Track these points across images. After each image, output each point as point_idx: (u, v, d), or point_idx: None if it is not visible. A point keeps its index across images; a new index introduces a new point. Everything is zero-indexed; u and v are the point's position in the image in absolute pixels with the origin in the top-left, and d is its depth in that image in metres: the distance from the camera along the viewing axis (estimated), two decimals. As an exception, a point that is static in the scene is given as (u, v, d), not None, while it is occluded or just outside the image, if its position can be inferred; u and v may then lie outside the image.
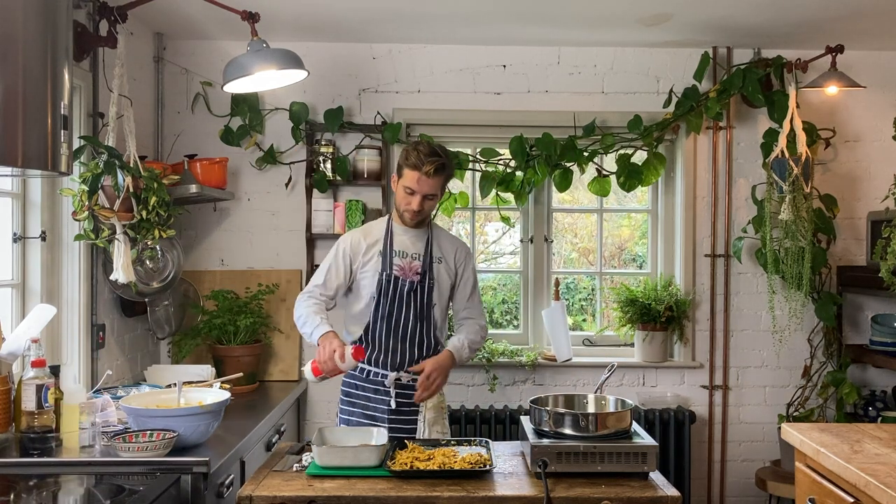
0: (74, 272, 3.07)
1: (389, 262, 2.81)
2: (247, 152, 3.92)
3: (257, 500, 2.03)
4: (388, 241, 2.84)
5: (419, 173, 2.72)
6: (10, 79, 2.07)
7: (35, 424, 2.36)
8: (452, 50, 3.96)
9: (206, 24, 3.63)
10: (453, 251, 2.91)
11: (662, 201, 4.11)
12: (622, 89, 3.99)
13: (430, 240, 2.88)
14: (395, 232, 2.87)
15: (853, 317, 4.03)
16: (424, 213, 2.82)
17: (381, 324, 2.81)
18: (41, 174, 2.64)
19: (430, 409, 2.79)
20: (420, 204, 2.76)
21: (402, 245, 2.85)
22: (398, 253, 2.83)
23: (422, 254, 2.85)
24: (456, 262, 2.91)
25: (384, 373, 2.81)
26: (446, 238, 2.97)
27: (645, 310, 3.90)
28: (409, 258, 2.83)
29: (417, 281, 2.81)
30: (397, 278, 2.80)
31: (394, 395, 2.78)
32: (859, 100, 3.97)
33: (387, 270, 2.80)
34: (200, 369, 3.44)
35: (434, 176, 2.73)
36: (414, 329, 2.82)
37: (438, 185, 2.77)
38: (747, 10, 3.40)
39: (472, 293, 2.94)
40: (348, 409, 2.87)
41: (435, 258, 2.86)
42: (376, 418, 2.79)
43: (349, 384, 2.88)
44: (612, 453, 2.14)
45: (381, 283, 2.80)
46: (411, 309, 2.81)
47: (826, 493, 2.22)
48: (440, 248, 2.89)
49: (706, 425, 4.00)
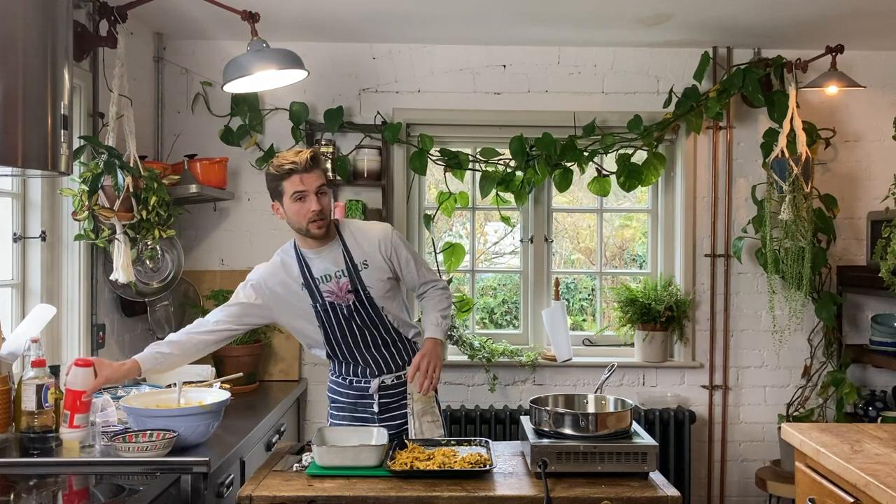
0: (74, 272, 3.07)
1: (318, 292, 2.64)
2: (247, 152, 3.92)
3: (257, 500, 2.03)
4: (305, 271, 2.65)
5: (298, 174, 2.51)
6: (10, 79, 2.07)
7: (35, 424, 2.36)
8: (452, 50, 3.96)
9: (206, 24, 3.63)
10: (376, 245, 2.67)
11: (662, 201, 4.11)
12: (622, 89, 3.99)
13: (345, 250, 2.66)
14: (308, 258, 2.65)
15: (853, 317, 4.03)
16: (327, 213, 2.57)
17: (341, 346, 2.71)
18: (41, 174, 2.64)
19: (417, 402, 2.70)
20: (318, 201, 2.53)
21: (321, 269, 2.64)
22: (321, 279, 2.64)
23: (344, 268, 2.64)
24: (385, 255, 2.68)
25: (366, 380, 2.74)
26: (362, 234, 2.71)
27: (645, 310, 3.90)
28: (335, 278, 2.64)
29: (353, 300, 2.64)
30: (333, 304, 2.64)
31: (377, 398, 2.72)
32: (859, 100, 3.97)
33: (319, 301, 2.64)
34: (200, 369, 3.44)
35: (313, 167, 2.53)
36: (375, 337, 2.70)
37: (321, 177, 2.56)
38: (747, 10, 3.40)
39: (417, 268, 2.75)
40: (338, 415, 2.82)
41: (359, 265, 2.65)
42: (365, 420, 2.75)
43: (334, 391, 2.83)
44: (612, 453, 2.13)
45: (319, 314, 2.65)
46: (362, 324, 2.67)
47: (826, 493, 2.21)
48: (361, 250, 2.67)
49: (706, 425, 4.00)
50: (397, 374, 2.76)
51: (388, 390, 2.75)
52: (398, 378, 2.75)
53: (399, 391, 2.76)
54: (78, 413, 2.33)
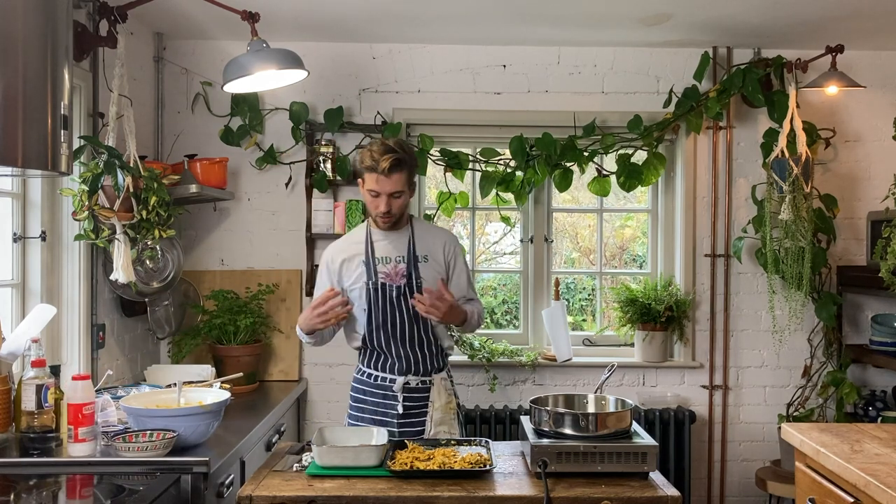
0: (74, 272, 3.07)
1: (374, 271, 2.76)
2: (247, 152, 3.92)
3: (257, 500, 2.03)
4: (368, 249, 2.79)
5: (376, 174, 2.64)
6: (10, 79, 2.07)
7: (35, 424, 2.36)
8: (452, 50, 3.96)
9: (206, 24, 3.63)
10: (441, 246, 2.84)
11: (662, 201, 4.11)
12: (622, 89, 3.99)
13: (411, 239, 2.81)
14: (375, 238, 2.80)
15: (853, 317, 4.03)
16: (395, 214, 2.73)
17: (378, 332, 2.78)
18: (41, 174, 2.64)
19: (437, 410, 2.78)
20: (387, 205, 2.68)
21: (384, 250, 2.79)
22: (381, 259, 2.77)
23: (405, 255, 2.78)
24: (445, 257, 2.84)
25: (392, 377, 2.79)
26: (431, 233, 2.89)
27: (645, 310, 3.90)
28: (393, 262, 2.77)
29: (405, 284, 2.76)
30: (384, 285, 2.75)
31: (401, 399, 2.76)
32: (859, 100, 3.97)
33: (372, 279, 2.75)
34: (200, 369, 3.44)
35: (391, 173, 2.63)
36: (412, 331, 2.79)
37: (401, 181, 2.67)
38: (747, 10, 3.40)
39: (467, 283, 2.90)
40: (357, 416, 2.85)
41: (420, 257, 2.79)
42: (386, 423, 2.76)
43: (357, 390, 2.86)
44: (612, 453, 2.13)
45: (370, 292, 2.76)
46: (405, 312, 2.76)
47: (826, 493, 2.22)
48: (425, 246, 2.81)
49: (706, 425, 4.00)
50: (423, 379, 2.79)
51: (412, 393, 2.78)
52: (423, 383, 2.79)
53: (422, 397, 2.79)
54: (82, 427, 2.33)
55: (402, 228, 2.82)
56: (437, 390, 2.80)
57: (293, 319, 3.90)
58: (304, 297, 3.95)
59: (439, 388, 2.81)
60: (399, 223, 2.81)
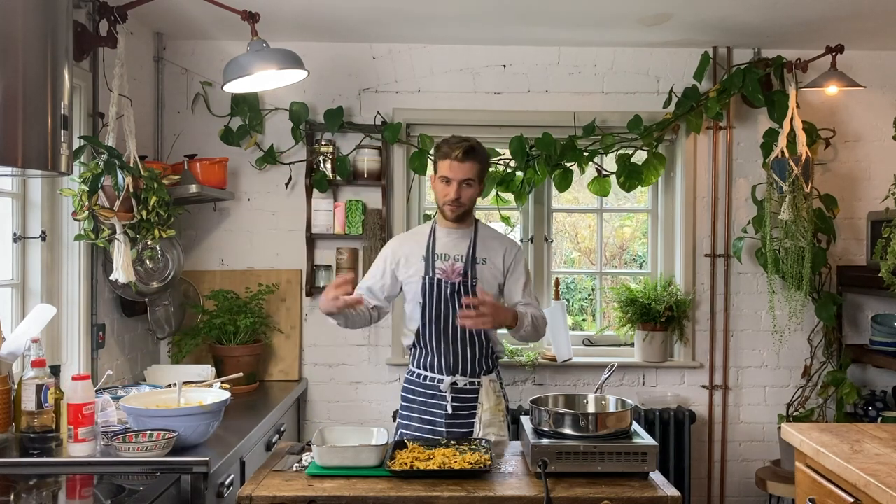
0: (74, 272, 3.07)
1: (431, 266, 2.81)
2: (247, 152, 3.92)
3: (257, 500, 2.03)
4: (430, 244, 2.85)
5: (449, 160, 2.74)
6: (10, 79, 2.07)
7: (35, 424, 2.36)
8: (452, 50, 3.96)
9: (206, 24, 3.63)
10: (501, 251, 2.87)
11: (662, 201, 4.11)
12: (622, 89, 3.99)
13: (473, 241, 2.85)
14: (439, 235, 2.87)
15: (853, 317, 4.03)
16: (464, 203, 2.79)
17: (430, 327, 2.81)
18: (41, 174, 2.64)
19: (486, 411, 2.79)
20: (457, 191, 2.75)
21: (445, 248, 2.84)
22: (440, 256, 2.83)
23: (464, 255, 2.82)
24: (505, 262, 2.86)
25: (440, 377, 2.81)
26: (494, 238, 2.92)
27: (645, 310, 3.90)
28: (452, 260, 2.82)
29: (460, 282, 2.79)
30: (440, 281, 2.79)
31: (450, 399, 2.78)
32: (859, 100, 3.97)
33: (429, 274, 2.80)
34: (200, 369, 3.44)
35: (465, 159, 2.72)
36: (464, 330, 2.80)
37: (472, 171, 2.75)
38: (747, 10, 3.40)
39: (524, 287, 2.89)
40: (406, 415, 2.88)
41: (478, 259, 2.83)
42: (434, 423, 2.79)
43: (407, 390, 2.90)
44: (612, 453, 2.13)
45: (425, 286, 2.80)
46: (458, 310, 2.77)
47: (826, 493, 2.21)
48: (485, 249, 2.85)
49: (706, 425, 4.00)
50: (471, 380, 2.81)
51: (460, 393, 2.80)
52: (471, 384, 2.81)
53: (471, 398, 2.80)
54: (82, 427, 2.33)
55: (466, 228, 2.87)
56: (486, 392, 2.82)
57: (293, 319, 3.93)
58: (304, 296, 3.96)
59: (488, 390, 2.82)
60: (465, 220, 2.86)
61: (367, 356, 3.99)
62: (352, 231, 3.87)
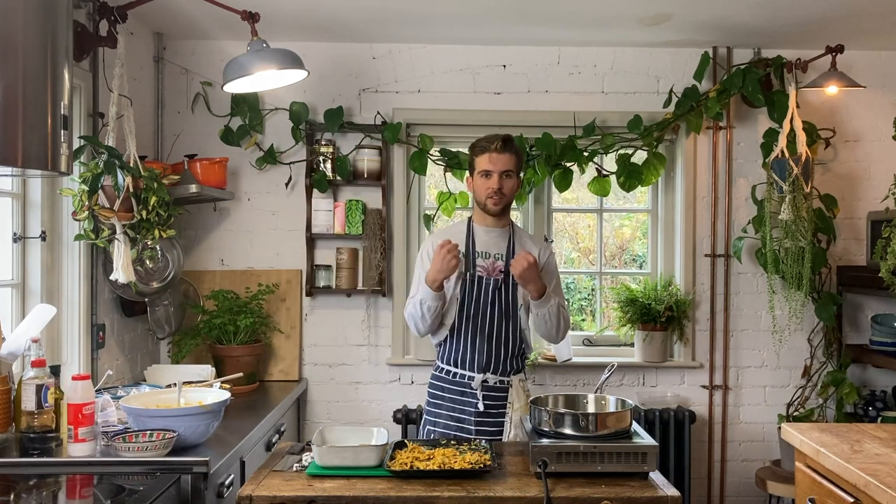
0: (74, 272, 3.07)
1: (473, 263, 2.81)
2: (247, 152, 3.92)
3: (257, 500, 2.03)
4: (470, 242, 2.84)
5: (489, 153, 2.75)
6: (10, 79, 2.07)
7: (35, 424, 2.36)
8: (452, 50, 3.96)
9: (206, 24, 3.63)
10: (536, 250, 2.86)
11: (662, 201, 4.11)
12: (622, 89, 3.99)
13: (511, 239, 2.86)
14: (477, 233, 2.86)
15: (853, 317, 4.03)
16: (506, 195, 2.79)
17: (467, 324, 2.80)
18: (41, 174, 2.64)
19: (516, 411, 2.78)
20: (499, 181, 2.75)
21: (485, 245, 2.84)
22: (481, 254, 2.82)
23: (504, 253, 2.82)
24: (540, 261, 2.84)
25: (471, 374, 2.79)
26: (528, 239, 2.95)
27: (645, 310, 3.90)
28: (492, 258, 2.82)
29: (502, 279, 2.79)
30: (481, 278, 2.79)
31: (480, 397, 2.76)
32: (859, 100, 3.97)
33: (470, 271, 2.80)
34: (200, 369, 3.44)
35: (504, 150, 2.74)
36: (500, 328, 2.80)
37: (512, 162, 2.76)
38: (747, 10, 3.40)
39: (555, 287, 2.88)
40: (434, 412, 2.86)
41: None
42: (463, 420, 2.78)
43: (435, 387, 2.87)
44: (612, 453, 2.13)
45: (465, 283, 2.79)
46: (497, 308, 2.79)
47: (826, 493, 2.22)
48: (522, 246, 2.85)
49: (706, 425, 4.00)
50: (501, 378, 2.80)
51: (490, 391, 2.79)
52: (501, 382, 2.80)
53: (500, 396, 2.79)
54: (81, 427, 2.33)
55: (503, 227, 2.88)
56: (516, 392, 2.81)
57: (293, 319, 3.93)
58: (303, 296, 3.96)
59: (518, 390, 2.82)
60: (503, 217, 2.87)
61: (367, 356, 3.99)
62: (352, 231, 3.87)
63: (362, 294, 3.95)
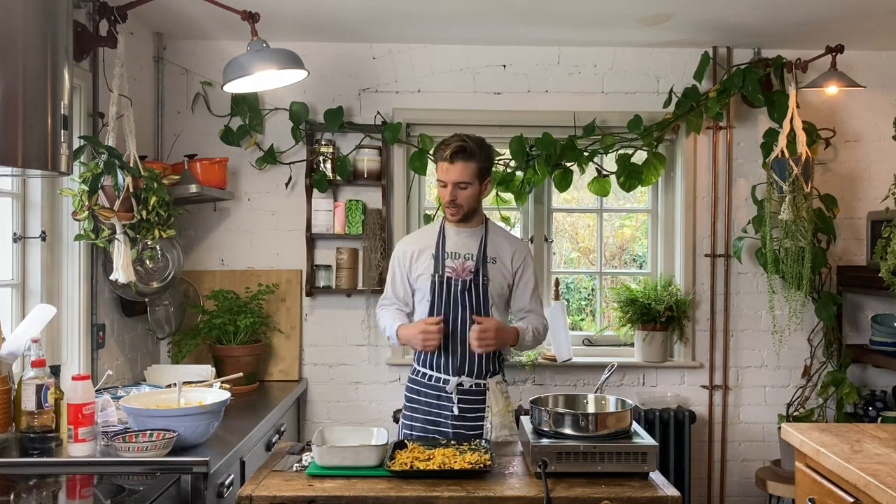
0: (74, 272, 3.07)
1: (441, 264, 2.77)
2: (247, 152, 3.92)
3: (257, 500, 2.03)
4: (440, 243, 2.81)
5: (441, 162, 2.71)
6: (10, 79, 2.07)
7: (35, 424, 2.36)
8: (452, 50, 3.96)
9: (206, 24, 3.63)
10: (510, 252, 2.83)
11: (662, 201, 4.11)
12: (622, 89, 3.99)
13: (484, 239, 2.81)
14: (448, 234, 2.83)
15: (853, 317, 4.03)
16: (462, 205, 2.73)
17: None
18: (41, 174, 2.64)
19: (496, 415, 2.75)
20: (452, 194, 2.70)
21: (455, 246, 2.80)
22: (450, 254, 2.79)
23: (475, 254, 2.78)
24: (514, 265, 2.83)
25: (445, 377, 2.76)
26: (504, 238, 2.89)
27: (645, 310, 3.90)
28: (462, 258, 2.78)
29: (471, 279, 2.76)
30: (450, 279, 2.76)
31: (456, 400, 2.74)
32: (859, 100, 3.97)
33: (438, 272, 2.77)
34: (200, 369, 3.44)
35: (454, 160, 2.67)
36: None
37: (466, 172, 2.68)
38: (747, 10, 3.40)
39: (532, 294, 2.87)
40: (410, 416, 2.83)
41: (489, 258, 2.79)
42: (440, 424, 2.75)
43: (412, 389, 2.84)
44: (612, 453, 2.13)
45: (434, 284, 2.76)
46: (467, 309, 2.75)
47: (826, 493, 2.22)
48: (496, 249, 2.81)
49: (706, 425, 4.00)
50: (477, 381, 2.77)
51: (466, 395, 2.76)
52: (477, 385, 2.77)
53: (477, 399, 2.77)
54: (82, 427, 2.33)
55: (476, 227, 2.83)
56: (493, 395, 2.78)
57: (293, 319, 3.93)
58: (303, 296, 3.96)
59: (496, 393, 2.78)
60: (471, 219, 2.81)
61: (367, 356, 3.99)
62: (352, 231, 3.87)
63: (362, 294, 3.95)
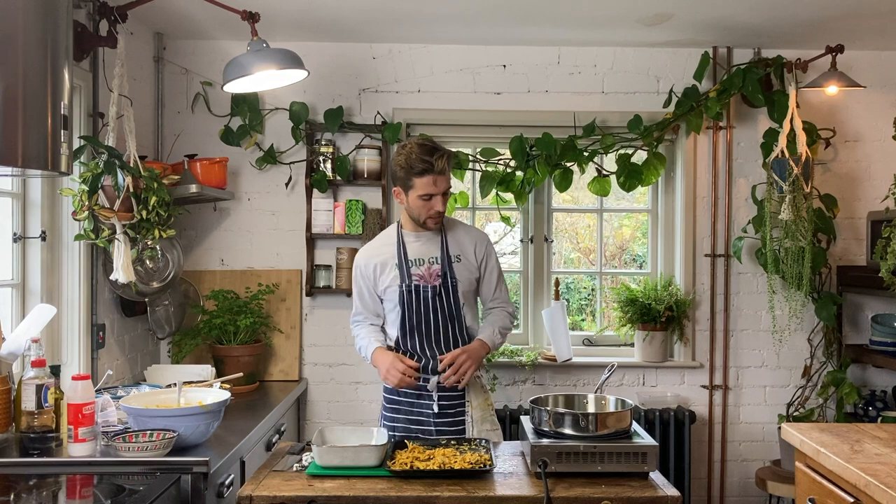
0: (74, 272, 3.07)
1: (408, 273, 2.75)
2: (247, 152, 3.92)
3: (257, 500, 2.03)
4: (401, 251, 2.78)
5: (432, 175, 2.65)
6: (10, 79, 2.07)
7: (35, 424, 2.36)
8: (452, 50, 3.96)
9: (206, 24, 3.63)
10: (472, 246, 2.83)
11: (662, 201, 4.11)
12: (622, 89, 3.99)
13: (444, 240, 2.80)
14: (407, 240, 2.80)
15: (853, 317, 4.03)
16: (443, 211, 2.75)
17: (413, 334, 2.77)
18: (41, 174, 2.64)
19: (476, 409, 2.77)
20: (443, 203, 2.72)
21: (417, 252, 2.79)
22: (414, 261, 2.77)
23: (438, 256, 2.78)
24: (477, 257, 2.83)
25: (425, 376, 2.76)
26: (462, 232, 2.88)
27: (645, 310, 3.90)
28: (427, 263, 2.77)
29: (440, 284, 2.75)
30: (419, 286, 2.74)
31: (436, 398, 2.75)
32: (859, 100, 3.97)
33: (406, 281, 2.75)
34: (200, 369, 3.44)
35: (445, 171, 2.68)
36: (446, 331, 2.77)
37: (449, 179, 2.73)
38: (747, 10, 3.40)
39: (497, 283, 2.88)
40: (391, 416, 2.83)
41: (453, 257, 2.79)
42: (422, 422, 2.76)
43: (391, 390, 2.83)
44: (612, 453, 2.13)
45: (403, 294, 2.74)
46: (439, 313, 2.75)
47: (826, 493, 2.22)
48: (457, 245, 2.81)
49: (706, 425, 4.00)
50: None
51: (446, 391, 2.77)
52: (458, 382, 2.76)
53: (458, 394, 2.78)
54: (82, 427, 2.33)
55: (434, 230, 2.81)
56: (473, 391, 2.80)
57: (293, 319, 3.93)
58: (304, 296, 3.96)
59: (475, 388, 2.80)
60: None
61: (367, 356, 3.99)
62: (352, 231, 3.87)
63: (362, 294, 3.95)
